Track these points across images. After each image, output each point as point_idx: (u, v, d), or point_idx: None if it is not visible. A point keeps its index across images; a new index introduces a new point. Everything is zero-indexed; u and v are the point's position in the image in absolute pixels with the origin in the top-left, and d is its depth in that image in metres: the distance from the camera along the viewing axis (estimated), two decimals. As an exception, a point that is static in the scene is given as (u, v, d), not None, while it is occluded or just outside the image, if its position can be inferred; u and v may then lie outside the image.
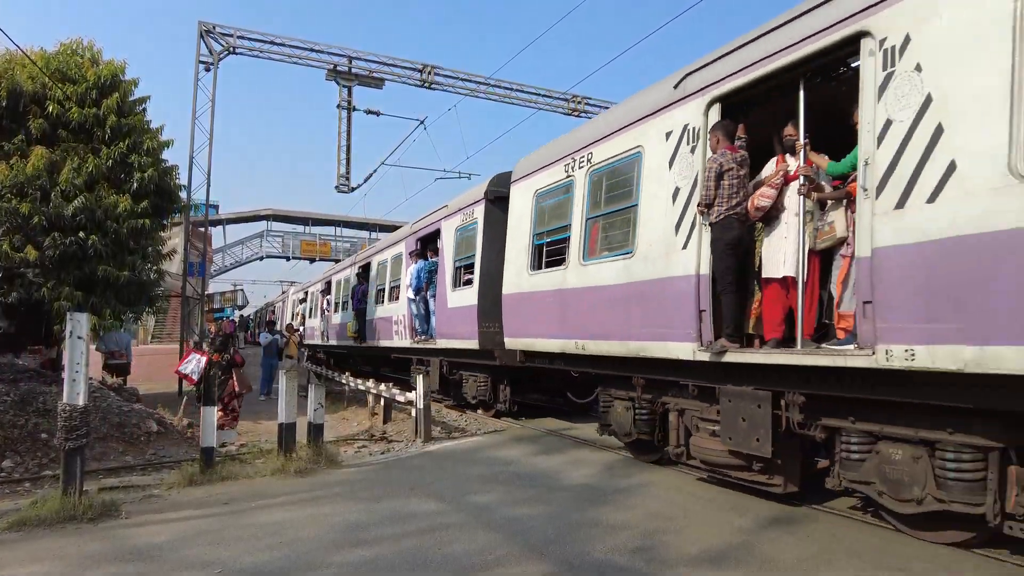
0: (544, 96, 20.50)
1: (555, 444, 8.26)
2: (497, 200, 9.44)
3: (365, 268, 16.09)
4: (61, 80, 10.58)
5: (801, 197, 4.74)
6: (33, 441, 7.50)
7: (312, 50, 17.47)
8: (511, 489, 5.95)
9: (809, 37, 4.53)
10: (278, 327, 23.70)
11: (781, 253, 4.93)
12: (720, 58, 5.43)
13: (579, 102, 20.80)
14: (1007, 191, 3.29)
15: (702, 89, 5.44)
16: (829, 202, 4.79)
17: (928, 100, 3.78)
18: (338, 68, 17.87)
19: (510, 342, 8.30)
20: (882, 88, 4.08)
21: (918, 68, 3.87)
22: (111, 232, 10.29)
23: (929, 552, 4.08)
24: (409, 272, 11.74)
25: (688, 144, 5.53)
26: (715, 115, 5.34)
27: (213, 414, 6.68)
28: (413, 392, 9.12)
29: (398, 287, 13.09)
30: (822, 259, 4.89)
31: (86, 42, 11.34)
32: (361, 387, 12.34)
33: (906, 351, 3.73)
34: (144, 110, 11.85)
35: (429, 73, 18.63)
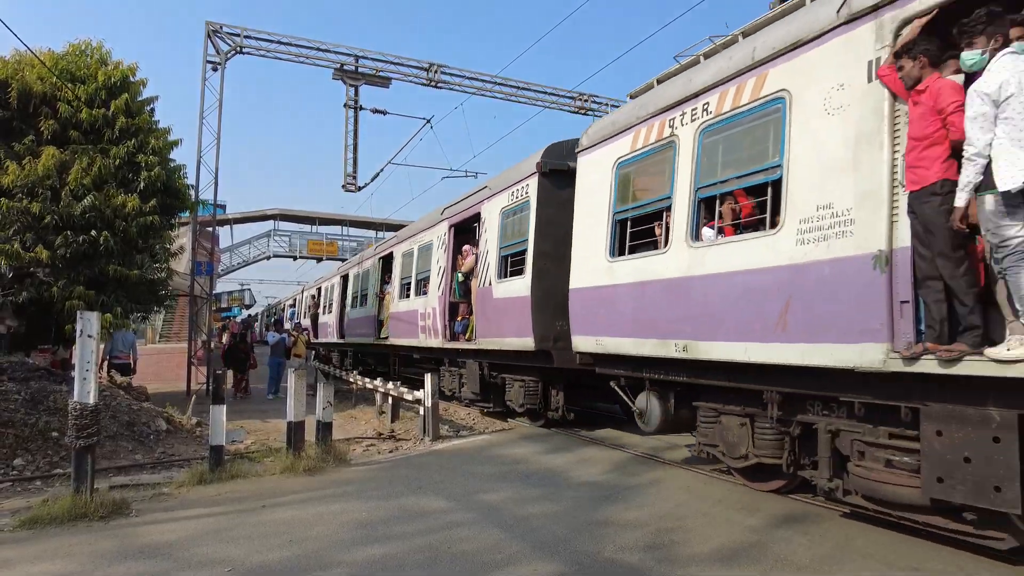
0: (551, 94, 20.40)
1: (563, 442, 8.24)
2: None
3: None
4: (70, 80, 10.63)
5: None
6: (44, 440, 7.53)
7: (319, 49, 17.45)
8: (520, 488, 5.94)
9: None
10: (286, 326, 23.75)
11: None
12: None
13: (586, 100, 20.72)
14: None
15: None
16: None
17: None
18: (345, 67, 17.84)
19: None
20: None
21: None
22: (120, 230, 10.35)
23: (944, 553, 4.04)
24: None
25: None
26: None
27: (223, 413, 6.69)
28: (421, 391, 9.12)
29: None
30: None
31: (95, 43, 11.40)
32: (369, 386, 12.36)
33: None
34: (152, 110, 11.89)
35: (436, 72, 18.59)
